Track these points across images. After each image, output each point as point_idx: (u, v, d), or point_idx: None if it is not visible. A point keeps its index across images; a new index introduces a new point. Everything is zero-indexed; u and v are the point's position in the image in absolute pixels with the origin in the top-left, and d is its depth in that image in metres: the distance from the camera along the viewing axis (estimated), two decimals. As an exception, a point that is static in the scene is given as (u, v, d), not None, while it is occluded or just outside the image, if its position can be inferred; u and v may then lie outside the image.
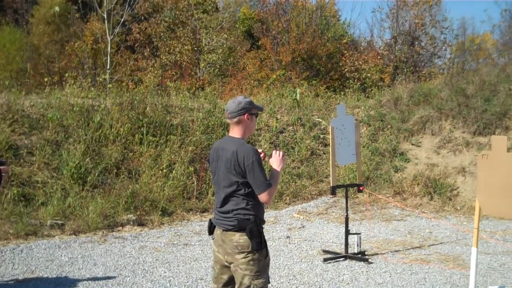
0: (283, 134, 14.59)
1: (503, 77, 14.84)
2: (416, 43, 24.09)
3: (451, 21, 42.71)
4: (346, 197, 8.50)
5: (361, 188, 8.62)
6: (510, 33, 25.29)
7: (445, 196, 12.09)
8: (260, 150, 4.28)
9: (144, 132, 12.10)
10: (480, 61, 32.70)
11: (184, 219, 10.57)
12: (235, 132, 4.28)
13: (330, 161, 8.29)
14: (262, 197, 4.08)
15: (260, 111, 4.46)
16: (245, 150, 4.11)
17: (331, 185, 8.25)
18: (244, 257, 4.08)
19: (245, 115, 4.24)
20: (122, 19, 22.89)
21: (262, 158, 4.26)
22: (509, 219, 7.00)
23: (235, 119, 4.24)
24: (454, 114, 13.95)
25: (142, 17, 25.50)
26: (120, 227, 9.69)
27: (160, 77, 22.32)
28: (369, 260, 7.89)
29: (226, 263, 4.20)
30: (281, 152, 4.36)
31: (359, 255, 8.04)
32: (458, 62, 30.05)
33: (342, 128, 8.29)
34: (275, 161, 4.31)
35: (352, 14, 65.56)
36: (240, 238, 4.09)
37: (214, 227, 4.33)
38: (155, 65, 24.04)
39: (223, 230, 4.18)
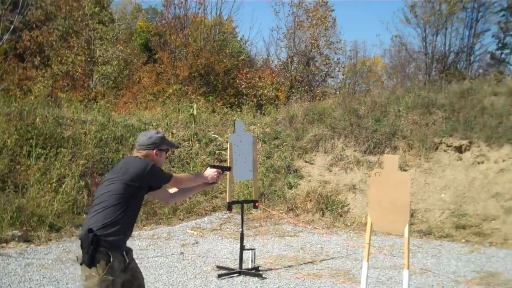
0: (179, 149, 14.43)
1: (393, 99, 15.54)
2: (311, 63, 24.74)
3: (345, 43, 44.29)
4: (242, 213, 8.48)
5: (256, 204, 8.65)
6: (399, 58, 26.63)
7: (336, 213, 12.39)
8: None
9: (33, 144, 11.56)
10: (370, 83, 34.15)
11: (73, 235, 10.14)
12: None
13: (228, 177, 8.26)
14: None
15: (171, 147, 4.42)
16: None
17: (227, 201, 8.23)
18: None
19: (154, 151, 4.18)
20: (12, 26, 21.86)
21: None
22: (397, 234, 7.25)
23: (143, 152, 4.16)
24: (346, 133, 14.39)
25: (34, 25, 24.50)
26: (4, 244, 9.16)
27: (51, 87, 21.49)
28: (263, 275, 7.91)
29: None
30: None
31: (253, 271, 8.05)
32: (349, 83, 31.21)
33: (240, 144, 8.31)
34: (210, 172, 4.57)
35: (250, 32, 66.63)
36: None
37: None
38: (46, 74, 23.13)
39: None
